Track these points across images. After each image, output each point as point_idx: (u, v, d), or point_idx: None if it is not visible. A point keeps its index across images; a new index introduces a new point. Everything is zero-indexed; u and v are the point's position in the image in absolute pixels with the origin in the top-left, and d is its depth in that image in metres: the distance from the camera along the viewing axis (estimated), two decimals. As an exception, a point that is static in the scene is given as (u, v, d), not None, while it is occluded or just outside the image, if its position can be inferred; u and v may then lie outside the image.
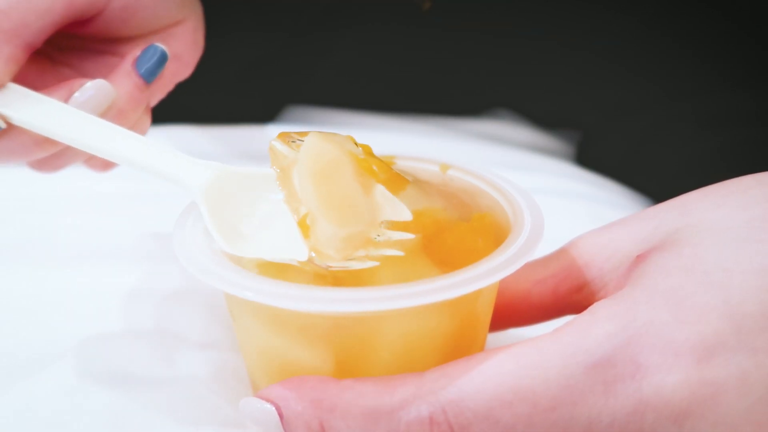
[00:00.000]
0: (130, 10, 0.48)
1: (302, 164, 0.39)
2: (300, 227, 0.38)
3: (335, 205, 0.38)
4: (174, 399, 0.43)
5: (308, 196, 0.39)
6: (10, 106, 0.42)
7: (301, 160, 0.39)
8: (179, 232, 0.38)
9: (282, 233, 0.39)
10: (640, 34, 0.61)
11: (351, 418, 0.33)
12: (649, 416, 0.32)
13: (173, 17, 0.51)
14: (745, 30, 0.60)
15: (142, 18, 0.49)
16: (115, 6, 0.47)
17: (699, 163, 0.62)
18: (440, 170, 0.44)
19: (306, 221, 0.38)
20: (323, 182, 0.39)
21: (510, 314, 0.41)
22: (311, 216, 0.38)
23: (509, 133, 0.68)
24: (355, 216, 0.38)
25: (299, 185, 0.39)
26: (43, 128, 0.42)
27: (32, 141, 0.43)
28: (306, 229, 0.38)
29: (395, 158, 0.44)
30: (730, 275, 0.33)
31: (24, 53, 0.44)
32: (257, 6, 0.60)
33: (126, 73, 0.44)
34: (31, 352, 0.46)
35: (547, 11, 0.61)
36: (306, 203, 0.39)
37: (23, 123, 0.42)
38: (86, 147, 0.42)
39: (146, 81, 0.45)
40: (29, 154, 0.44)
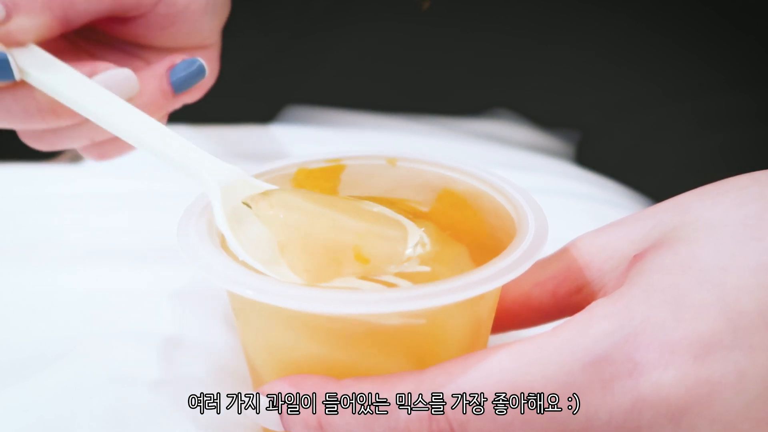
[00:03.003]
0: (171, 19, 0.48)
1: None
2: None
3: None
4: (174, 399, 0.43)
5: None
6: (30, 63, 0.40)
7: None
8: (183, 231, 0.38)
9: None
10: (640, 34, 0.61)
11: (350, 415, 0.33)
12: (647, 413, 0.32)
13: (206, 38, 0.51)
14: (745, 30, 0.60)
15: (180, 31, 0.48)
16: (159, 12, 0.47)
17: (698, 162, 0.62)
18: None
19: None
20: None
21: (510, 317, 0.41)
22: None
23: (509, 133, 0.68)
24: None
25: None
26: (60, 93, 0.40)
27: (36, 107, 0.41)
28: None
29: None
30: (726, 273, 0.33)
31: (59, 26, 0.42)
32: (257, 6, 0.60)
33: (156, 76, 0.43)
34: (31, 352, 0.46)
35: (547, 11, 0.61)
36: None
37: (40, 83, 0.40)
38: (103, 122, 0.40)
39: (174, 90, 0.43)
40: (29, 121, 0.42)
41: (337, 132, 0.65)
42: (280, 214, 0.38)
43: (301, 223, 0.39)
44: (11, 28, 0.40)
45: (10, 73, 0.39)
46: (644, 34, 0.61)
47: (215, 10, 0.50)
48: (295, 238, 0.38)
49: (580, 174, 0.65)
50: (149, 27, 0.47)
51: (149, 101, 0.43)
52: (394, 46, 0.64)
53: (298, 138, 0.65)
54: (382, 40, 0.64)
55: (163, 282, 0.52)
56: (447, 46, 0.63)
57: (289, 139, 0.65)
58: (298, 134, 0.65)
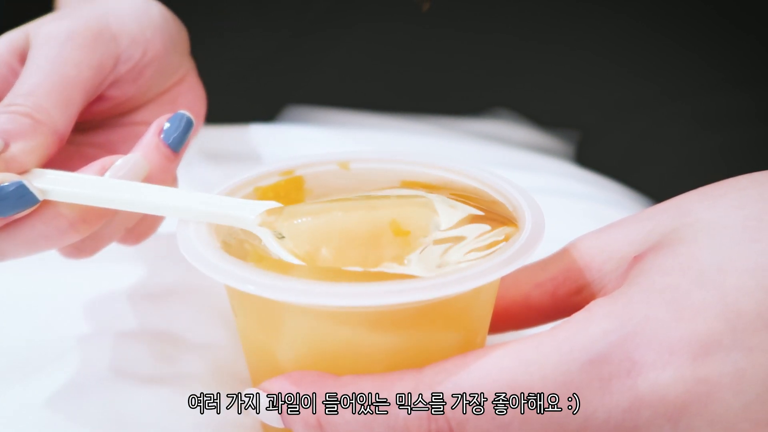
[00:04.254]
0: (137, 70, 0.48)
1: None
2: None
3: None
4: (174, 399, 0.43)
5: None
6: (44, 182, 0.40)
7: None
8: (183, 229, 0.38)
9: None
10: (639, 34, 0.61)
11: (349, 413, 0.33)
12: (645, 413, 0.32)
13: (177, 71, 0.51)
14: (745, 30, 0.60)
15: (151, 77, 0.49)
16: (122, 71, 0.47)
17: (698, 162, 0.62)
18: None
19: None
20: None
21: (509, 318, 0.41)
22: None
23: (509, 132, 0.68)
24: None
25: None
26: (85, 196, 0.40)
27: (67, 223, 0.41)
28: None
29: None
30: (725, 274, 0.33)
31: (54, 141, 0.42)
32: (257, 6, 0.60)
33: (154, 147, 0.43)
34: (31, 352, 0.46)
35: (547, 11, 0.61)
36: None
37: (63, 194, 0.40)
38: (134, 206, 0.40)
39: (174, 151, 0.44)
40: (63, 238, 0.41)
41: (337, 132, 0.65)
42: (306, 219, 0.39)
43: (330, 219, 0.39)
44: (13, 153, 0.40)
45: (32, 196, 0.39)
46: (644, 34, 0.61)
47: (174, 44, 0.51)
48: (329, 237, 0.39)
49: (580, 174, 0.65)
50: (122, 87, 0.48)
51: (159, 171, 0.43)
52: (394, 46, 0.64)
53: (298, 138, 0.65)
54: (383, 40, 0.64)
55: (162, 281, 0.52)
56: (447, 46, 0.63)
57: (289, 138, 0.65)
58: (299, 134, 0.66)
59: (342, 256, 0.38)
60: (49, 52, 0.44)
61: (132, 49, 0.47)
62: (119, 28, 0.47)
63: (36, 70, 0.43)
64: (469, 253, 0.38)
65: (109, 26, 0.47)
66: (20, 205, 0.39)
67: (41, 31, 0.45)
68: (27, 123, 0.41)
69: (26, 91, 0.42)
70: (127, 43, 0.47)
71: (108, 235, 0.45)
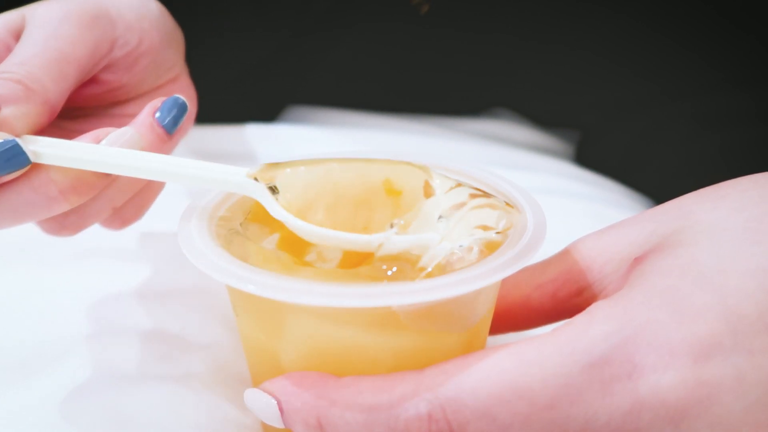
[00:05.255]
0: (132, 57, 0.48)
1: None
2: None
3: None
4: (174, 399, 0.43)
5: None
6: (37, 145, 0.40)
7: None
8: (184, 229, 0.38)
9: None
10: (640, 34, 0.61)
11: (349, 414, 0.33)
12: (646, 416, 0.32)
13: (172, 69, 0.52)
14: (745, 30, 0.60)
15: (145, 67, 0.49)
16: (118, 55, 0.47)
17: (698, 162, 0.62)
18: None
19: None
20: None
21: (510, 319, 0.41)
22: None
23: (509, 133, 0.68)
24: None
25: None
26: (80, 159, 0.40)
27: (57, 189, 0.40)
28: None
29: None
30: (726, 276, 0.33)
31: (46, 112, 0.42)
32: (258, 6, 0.60)
33: (149, 126, 0.43)
34: (31, 352, 0.46)
35: (546, 11, 0.61)
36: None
37: (57, 157, 0.40)
38: (128, 169, 0.40)
39: (168, 132, 0.44)
40: (51, 207, 0.41)
41: (337, 132, 0.65)
42: (301, 172, 0.39)
43: (324, 171, 0.39)
44: (4, 116, 0.40)
45: (24, 157, 0.39)
46: (644, 34, 0.61)
47: (170, 40, 0.51)
48: (322, 191, 0.39)
49: (580, 174, 0.65)
50: (117, 72, 0.48)
51: (151, 151, 0.43)
52: (394, 46, 0.64)
53: (299, 138, 0.65)
54: (382, 40, 0.64)
55: (163, 281, 0.52)
56: (447, 46, 0.63)
57: (290, 138, 0.65)
58: (299, 134, 0.66)
59: (333, 212, 0.38)
60: (45, 29, 0.44)
61: (128, 35, 0.48)
62: (117, 15, 0.47)
63: (31, 43, 0.43)
64: (462, 221, 0.38)
65: (107, 11, 0.47)
66: (11, 166, 0.39)
67: (37, 12, 0.45)
68: (19, 89, 0.41)
69: (20, 60, 0.42)
70: (123, 29, 0.47)
71: (94, 212, 0.45)
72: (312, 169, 0.40)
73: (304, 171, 0.40)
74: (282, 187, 0.39)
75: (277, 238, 0.42)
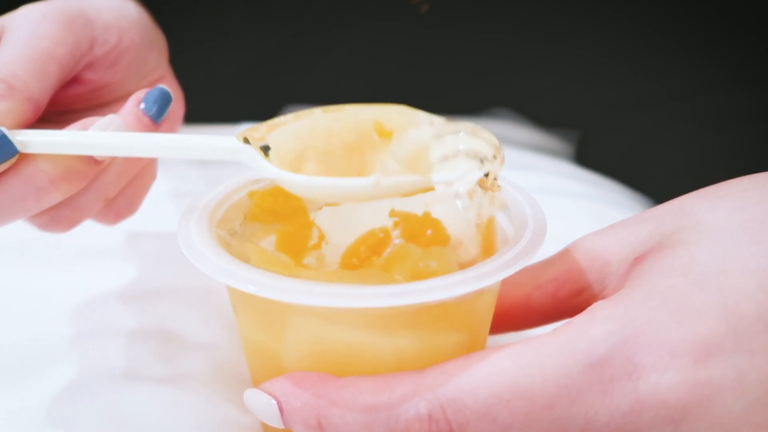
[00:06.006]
0: (113, 54, 0.48)
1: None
2: None
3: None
4: (174, 399, 0.43)
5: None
6: (24, 134, 0.40)
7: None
8: (184, 229, 0.38)
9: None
10: (640, 33, 0.61)
11: (349, 414, 0.33)
12: (646, 416, 0.32)
13: (155, 71, 0.52)
14: (745, 30, 0.60)
15: (127, 65, 0.49)
16: (99, 53, 0.47)
17: (698, 162, 0.62)
18: None
19: None
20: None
21: (510, 318, 0.41)
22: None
23: (509, 132, 0.68)
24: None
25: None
26: (69, 144, 0.40)
27: (47, 179, 0.40)
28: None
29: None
30: (726, 276, 0.33)
31: (31, 109, 0.42)
32: (257, 6, 0.60)
33: (134, 116, 0.43)
34: (31, 352, 0.46)
35: (546, 11, 0.61)
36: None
37: (45, 144, 0.40)
38: (120, 149, 0.40)
39: (154, 121, 0.44)
40: (42, 198, 0.41)
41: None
42: (290, 126, 0.39)
43: (312, 121, 0.39)
44: None
45: (11, 146, 0.39)
46: (644, 34, 0.61)
47: (151, 41, 0.51)
48: (313, 138, 0.39)
49: (580, 174, 0.65)
50: (99, 71, 0.48)
51: None
52: (394, 46, 0.64)
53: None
54: (382, 40, 0.64)
55: (162, 282, 0.52)
56: (447, 46, 0.63)
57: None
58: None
59: (327, 160, 0.38)
60: (25, 30, 0.44)
61: (107, 33, 0.48)
62: (95, 15, 0.48)
63: (11, 45, 0.43)
64: (454, 148, 0.38)
65: (85, 12, 0.47)
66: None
67: (16, 15, 0.45)
68: (1, 87, 0.41)
69: (1, 62, 0.42)
70: (102, 28, 0.48)
71: (87, 205, 0.45)
72: (300, 121, 0.39)
73: (293, 125, 0.39)
74: (273, 144, 0.39)
75: (276, 239, 0.42)
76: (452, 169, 0.37)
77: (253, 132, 0.40)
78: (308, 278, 0.35)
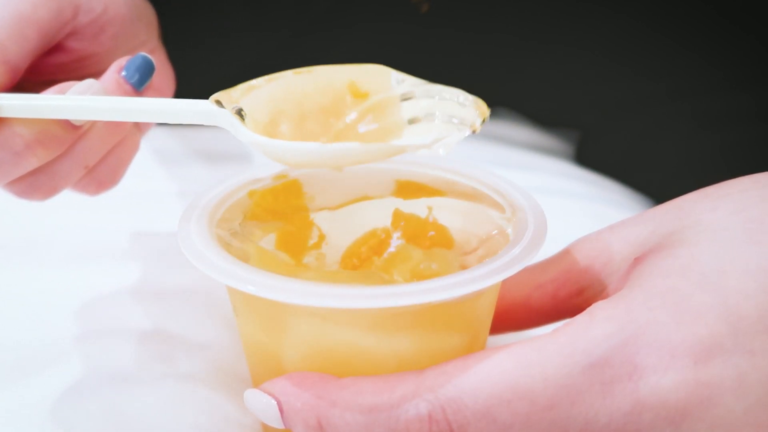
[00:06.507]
0: (98, 25, 0.48)
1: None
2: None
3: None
4: (174, 399, 0.43)
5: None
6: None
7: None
8: (184, 229, 0.38)
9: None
10: (640, 33, 0.61)
11: (349, 415, 0.33)
12: (646, 417, 0.32)
13: (144, 44, 0.51)
14: (745, 30, 0.60)
15: (112, 36, 0.49)
16: (83, 22, 0.47)
17: (698, 162, 0.62)
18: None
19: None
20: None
21: (510, 319, 0.41)
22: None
23: (509, 132, 0.68)
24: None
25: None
26: (46, 107, 0.39)
27: (23, 143, 0.40)
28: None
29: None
30: (726, 277, 0.33)
31: (7, 73, 0.42)
32: (257, 6, 0.60)
33: (115, 82, 0.43)
34: (31, 352, 0.46)
35: (546, 11, 0.61)
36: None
37: (22, 107, 0.39)
38: (96, 112, 0.40)
39: (136, 88, 0.43)
40: (19, 163, 0.41)
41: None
42: (262, 90, 0.39)
43: (285, 84, 0.39)
44: None
45: None
46: (644, 34, 0.61)
47: (139, 13, 0.51)
48: (288, 101, 0.39)
49: (580, 174, 0.65)
50: (83, 40, 0.48)
51: None
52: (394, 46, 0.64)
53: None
54: (382, 40, 0.64)
55: (162, 282, 0.52)
56: (446, 46, 0.63)
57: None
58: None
59: (302, 123, 0.38)
60: None
61: (92, 2, 0.47)
62: None
63: None
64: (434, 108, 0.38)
65: None
66: None
67: None
68: None
69: None
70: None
71: (66, 172, 0.44)
72: (274, 84, 0.39)
73: (267, 88, 0.39)
74: (248, 108, 0.39)
75: (276, 238, 0.42)
76: (426, 132, 0.37)
77: (226, 95, 0.39)
78: (308, 278, 0.35)
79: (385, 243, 0.42)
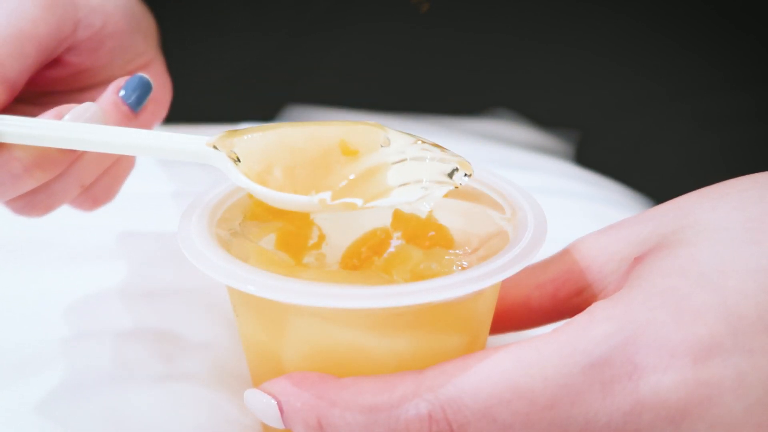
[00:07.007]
0: (97, 39, 0.48)
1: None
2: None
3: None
4: (174, 399, 0.43)
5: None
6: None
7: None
8: (184, 229, 0.38)
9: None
10: (640, 34, 0.61)
11: (350, 415, 0.33)
12: (646, 416, 0.32)
13: (142, 56, 0.51)
14: (745, 30, 0.60)
15: (111, 50, 0.49)
16: (82, 37, 0.47)
17: (698, 162, 0.62)
18: None
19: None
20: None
21: (510, 318, 0.41)
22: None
23: (509, 132, 0.68)
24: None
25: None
26: (43, 136, 0.40)
27: (21, 167, 0.40)
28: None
29: None
30: (726, 277, 0.33)
31: (5, 91, 0.42)
32: (257, 6, 0.60)
33: (113, 103, 0.43)
34: (30, 352, 0.46)
35: (546, 11, 0.61)
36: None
37: (20, 136, 0.40)
38: (93, 144, 0.40)
39: (133, 110, 0.44)
40: (17, 184, 0.41)
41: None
42: (257, 138, 0.40)
43: (280, 135, 0.40)
44: None
45: None
46: (644, 34, 0.61)
47: (138, 25, 0.51)
48: (280, 155, 0.39)
49: (580, 174, 0.65)
50: (81, 54, 0.48)
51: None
52: (393, 46, 0.64)
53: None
54: (382, 40, 0.64)
55: (162, 282, 0.52)
56: (447, 46, 0.63)
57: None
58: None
59: (293, 175, 0.39)
60: (5, 8, 0.44)
61: (92, 17, 0.47)
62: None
63: None
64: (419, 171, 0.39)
65: None
66: None
67: None
68: None
69: None
70: (87, 11, 0.47)
71: (62, 191, 0.45)
72: (269, 134, 0.40)
73: (262, 137, 0.40)
74: (242, 154, 0.39)
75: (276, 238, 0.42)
76: (412, 192, 0.39)
77: (223, 139, 0.40)
78: (308, 278, 0.35)
79: (385, 243, 0.42)
